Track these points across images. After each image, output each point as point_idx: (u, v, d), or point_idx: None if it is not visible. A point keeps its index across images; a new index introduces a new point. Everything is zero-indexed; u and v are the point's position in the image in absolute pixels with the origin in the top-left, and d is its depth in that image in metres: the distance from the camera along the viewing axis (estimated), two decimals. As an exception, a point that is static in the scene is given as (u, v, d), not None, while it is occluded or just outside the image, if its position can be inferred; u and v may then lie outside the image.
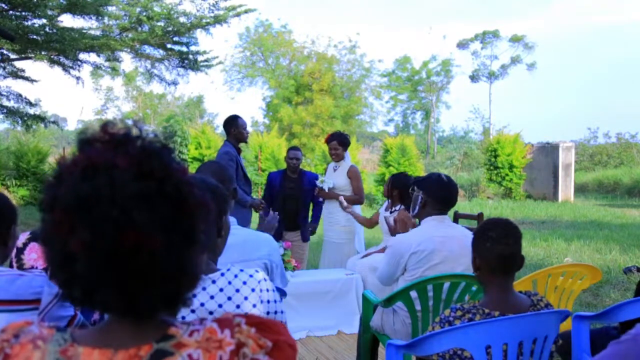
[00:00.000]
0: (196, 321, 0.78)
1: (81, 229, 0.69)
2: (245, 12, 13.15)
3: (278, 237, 4.84)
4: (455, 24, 76.27)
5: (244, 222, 4.38)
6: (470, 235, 2.77)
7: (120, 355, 0.73)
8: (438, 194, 2.77)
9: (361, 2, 79.12)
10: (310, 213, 5.26)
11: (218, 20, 12.73)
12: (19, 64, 12.53)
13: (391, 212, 4.50)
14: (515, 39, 33.27)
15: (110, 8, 12.06)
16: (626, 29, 68.83)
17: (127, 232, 0.69)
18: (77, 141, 0.75)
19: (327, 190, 4.96)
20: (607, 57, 68.51)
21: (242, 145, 4.75)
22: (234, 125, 4.60)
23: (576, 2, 76.08)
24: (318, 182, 5.01)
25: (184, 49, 13.47)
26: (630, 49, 71.02)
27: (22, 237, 2.17)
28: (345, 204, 4.76)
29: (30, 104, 12.97)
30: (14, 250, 1.97)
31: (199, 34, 13.32)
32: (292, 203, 4.97)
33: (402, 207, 4.28)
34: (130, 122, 0.77)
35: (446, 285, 2.66)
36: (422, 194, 2.80)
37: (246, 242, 1.98)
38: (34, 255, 2.09)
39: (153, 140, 0.75)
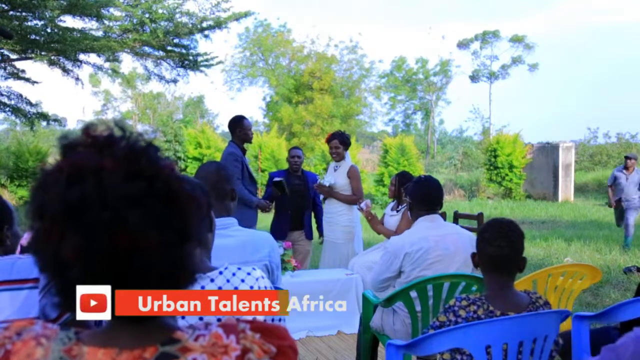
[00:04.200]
0: (201, 326, 0.78)
1: (72, 236, 0.69)
2: (245, 15, 13.18)
3: (283, 237, 4.86)
4: (456, 24, 76.30)
5: (250, 223, 4.39)
6: (463, 232, 2.83)
7: (124, 356, 0.72)
8: (417, 195, 2.85)
9: (361, 2, 79.15)
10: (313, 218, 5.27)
11: (218, 24, 12.76)
12: (19, 65, 12.55)
13: (397, 211, 4.50)
14: (515, 39, 33.28)
15: (111, 9, 12.07)
16: (626, 29, 68.89)
17: (121, 234, 0.69)
18: (60, 147, 0.74)
19: (327, 186, 4.95)
20: (607, 57, 68.54)
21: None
22: (239, 126, 4.64)
23: (576, 2, 76.15)
24: (318, 178, 5.04)
25: (184, 50, 13.50)
26: (630, 49, 71.06)
27: (27, 236, 2.17)
28: (364, 207, 4.57)
29: (31, 104, 12.99)
30: (19, 249, 1.98)
31: (199, 39, 13.38)
32: (299, 201, 5.00)
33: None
34: (112, 122, 0.76)
35: (446, 285, 2.66)
36: (408, 198, 2.93)
37: (246, 244, 1.96)
38: None
39: (138, 139, 0.75)
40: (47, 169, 0.73)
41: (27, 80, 12.52)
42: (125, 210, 0.69)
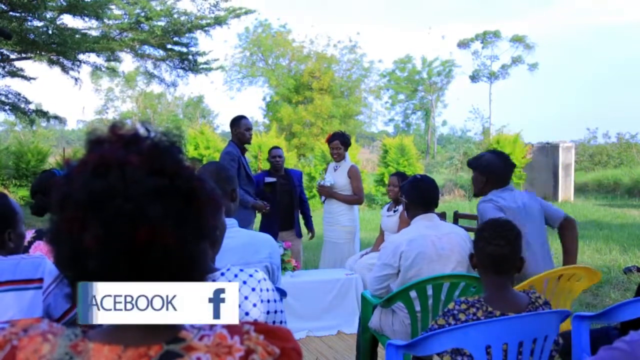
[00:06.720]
0: (206, 326, 0.79)
1: (94, 225, 0.70)
2: (245, 13, 13.16)
3: (274, 237, 4.83)
4: (456, 24, 76.32)
5: (246, 223, 4.38)
6: (460, 231, 2.84)
7: (129, 353, 0.73)
8: (414, 196, 2.87)
9: (361, 2, 79.12)
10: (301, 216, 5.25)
11: (218, 22, 12.75)
12: (18, 64, 12.54)
13: (394, 212, 4.50)
14: (516, 39, 33.26)
15: (110, 8, 12.06)
16: (626, 29, 68.89)
17: (141, 227, 0.70)
18: (87, 142, 0.76)
19: (329, 186, 4.97)
20: (607, 57, 68.63)
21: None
22: (236, 125, 4.67)
23: (576, 2, 76.15)
24: (319, 180, 5.04)
25: (184, 49, 13.47)
26: (630, 49, 71.09)
27: (27, 235, 2.17)
28: None
29: (29, 102, 12.98)
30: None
31: (199, 35, 13.32)
32: (287, 199, 4.99)
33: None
34: (138, 123, 0.79)
35: (445, 285, 2.66)
36: (404, 198, 2.93)
37: (246, 245, 1.96)
38: (39, 253, 2.10)
39: (162, 138, 0.78)
40: (72, 164, 0.75)
41: (24, 77, 12.50)
42: (147, 204, 0.71)
